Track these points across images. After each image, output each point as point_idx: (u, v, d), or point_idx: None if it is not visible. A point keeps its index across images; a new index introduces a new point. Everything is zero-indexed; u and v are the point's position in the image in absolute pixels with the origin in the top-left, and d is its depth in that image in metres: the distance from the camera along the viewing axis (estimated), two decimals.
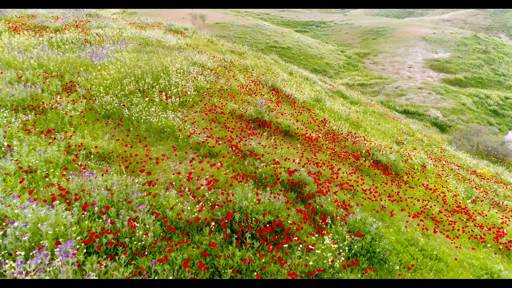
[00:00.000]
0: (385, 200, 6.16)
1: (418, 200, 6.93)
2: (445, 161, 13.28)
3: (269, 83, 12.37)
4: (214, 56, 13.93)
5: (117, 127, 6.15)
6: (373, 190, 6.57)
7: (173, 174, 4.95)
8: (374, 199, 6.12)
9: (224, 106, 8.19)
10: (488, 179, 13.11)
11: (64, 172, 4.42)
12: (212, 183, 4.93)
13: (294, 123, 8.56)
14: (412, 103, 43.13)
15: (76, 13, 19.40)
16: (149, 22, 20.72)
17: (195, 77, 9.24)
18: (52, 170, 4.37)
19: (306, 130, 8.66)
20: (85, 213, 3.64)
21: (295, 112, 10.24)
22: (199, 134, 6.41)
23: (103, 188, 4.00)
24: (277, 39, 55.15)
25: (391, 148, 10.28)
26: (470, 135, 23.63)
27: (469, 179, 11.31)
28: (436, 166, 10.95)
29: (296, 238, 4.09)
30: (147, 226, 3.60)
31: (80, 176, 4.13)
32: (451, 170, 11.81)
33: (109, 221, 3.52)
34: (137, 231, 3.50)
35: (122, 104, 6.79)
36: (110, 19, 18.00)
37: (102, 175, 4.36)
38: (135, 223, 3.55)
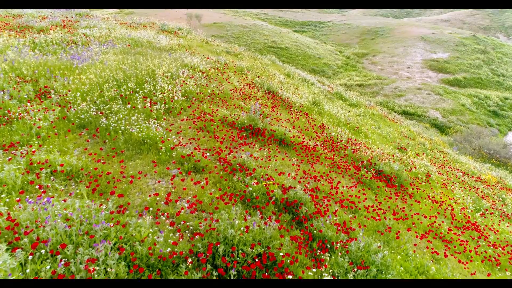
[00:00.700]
0: (390, 219, 5.56)
1: (425, 217, 6.34)
2: (448, 167, 12.72)
3: (264, 86, 11.76)
4: (208, 58, 13.32)
5: (91, 138, 5.52)
6: (377, 206, 5.98)
7: (150, 195, 4.33)
8: (378, 218, 5.52)
9: (215, 112, 7.57)
10: (493, 185, 12.56)
11: (20, 197, 3.79)
12: (194, 205, 4.32)
13: (290, 130, 7.95)
14: (411, 104, 42.69)
15: (66, 13, 18.74)
16: (141, 22, 20.07)
17: (184, 81, 8.62)
18: (4, 195, 3.75)
19: (303, 138, 8.06)
20: (35, 252, 3.02)
21: (292, 118, 9.63)
22: (184, 145, 5.80)
23: (61, 218, 3.38)
24: (275, 39, 54.62)
25: (393, 155, 9.69)
26: (472, 138, 23.10)
27: (474, 187, 10.74)
28: (440, 173, 10.38)
29: (290, 276, 3.48)
30: (109, 268, 2.98)
31: (35, 203, 3.50)
32: (456, 177, 11.24)
33: (63, 262, 2.90)
34: (95, 275, 2.87)
35: (100, 112, 6.16)
36: (100, 19, 17.34)
37: (64, 200, 3.73)
38: (94, 265, 2.93)
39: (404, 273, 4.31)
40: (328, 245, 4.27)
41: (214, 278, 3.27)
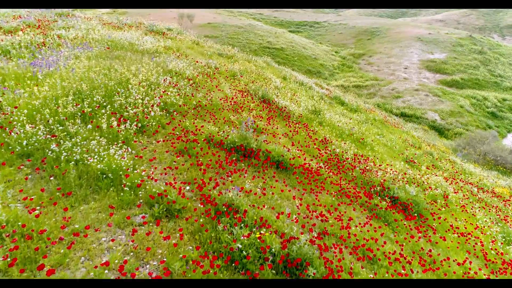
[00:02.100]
0: (417, 272, 4.39)
1: (459, 264, 5.19)
2: (460, 180, 11.64)
3: (259, 93, 10.56)
4: (197, 61, 12.09)
5: (34, 173, 4.26)
6: (399, 253, 4.80)
7: (97, 266, 3.09)
8: (403, 271, 4.34)
9: (199, 130, 6.34)
10: (508, 200, 11.52)
11: None
12: (159, 279, 3.09)
13: (289, 149, 6.75)
14: (409, 106, 41.95)
15: (45, 12, 17.37)
16: (127, 22, 18.74)
17: (164, 91, 7.37)
18: None
19: (305, 157, 6.86)
20: None
21: (290, 131, 8.44)
22: (156, 180, 4.55)
23: None
24: (271, 40, 53.60)
25: (405, 173, 8.54)
26: (476, 143, 22.13)
27: (493, 206, 9.66)
28: (456, 191, 9.25)
29: None
30: None
31: None
32: (472, 194, 10.15)
33: None
34: None
35: (52, 135, 4.89)
36: (80, 19, 15.98)
37: None
38: None
39: None
40: None
41: None
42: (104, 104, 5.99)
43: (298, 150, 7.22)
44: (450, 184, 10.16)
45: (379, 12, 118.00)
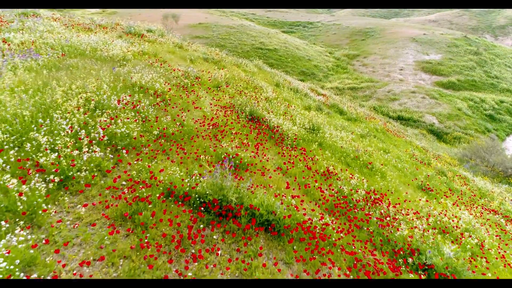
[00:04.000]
0: None
1: None
2: (482, 207, 9.98)
3: (246, 109, 8.71)
4: (174, 69, 10.20)
5: None
6: None
7: None
8: None
9: (156, 177, 4.45)
10: None
11: None
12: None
13: (283, 198, 4.92)
14: (406, 109, 40.70)
15: (4, 12, 15.29)
16: (102, 23, 16.74)
17: (116, 116, 5.46)
18: None
19: (304, 208, 5.03)
20: None
21: (284, 163, 6.60)
22: None
23: None
24: (263, 40, 51.93)
25: (429, 215, 6.77)
26: (483, 153, 20.62)
27: None
28: (487, 231, 7.54)
29: None
30: None
31: None
32: (501, 229, 8.47)
33: None
34: None
35: None
36: (41, 20, 13.92)
37: None
38: None
39: None
40: None
41: None
42: (11, 145, 4.07)
43: (294, 196, 5.37)
44: (474, 216, 8.47)
45: (372, 12, 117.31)
